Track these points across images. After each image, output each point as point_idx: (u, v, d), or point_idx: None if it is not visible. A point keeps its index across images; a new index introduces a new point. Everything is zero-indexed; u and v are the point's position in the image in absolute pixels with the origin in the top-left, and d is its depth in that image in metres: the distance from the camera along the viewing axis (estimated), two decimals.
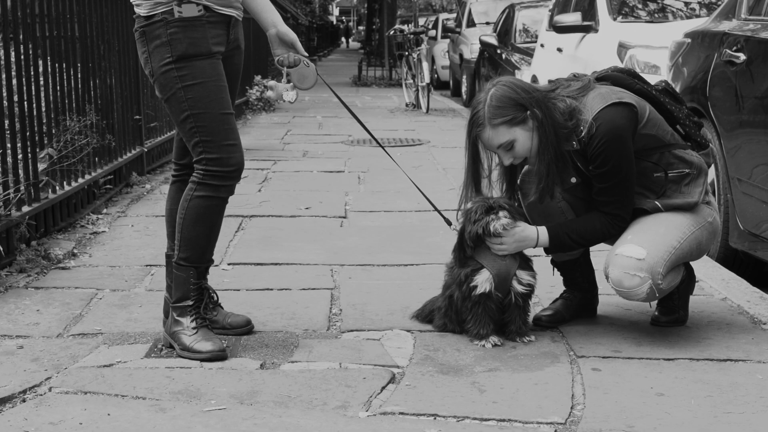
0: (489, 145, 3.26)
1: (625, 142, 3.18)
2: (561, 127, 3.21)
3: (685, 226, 3.28)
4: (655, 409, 2.75)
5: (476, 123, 3.24)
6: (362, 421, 2.67)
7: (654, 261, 3.19)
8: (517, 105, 3.19)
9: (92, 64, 5.79)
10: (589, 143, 3.19)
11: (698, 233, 3.31)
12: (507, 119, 3.19)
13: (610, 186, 3.23)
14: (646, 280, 3.19)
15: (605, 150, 3.17)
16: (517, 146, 3.23)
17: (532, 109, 3.19)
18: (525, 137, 3.22)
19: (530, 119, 3.20)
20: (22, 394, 2.86)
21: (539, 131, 3.20)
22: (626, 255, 3.20)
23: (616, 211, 3.27)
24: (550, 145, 3.20)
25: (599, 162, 3.19)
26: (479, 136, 3.26)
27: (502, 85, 3.24)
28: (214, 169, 3.14)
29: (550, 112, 3.21)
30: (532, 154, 3.26)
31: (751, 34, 4.38)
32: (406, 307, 3.74)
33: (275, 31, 3.33)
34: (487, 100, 3.21)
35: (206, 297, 3.30)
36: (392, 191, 6.39)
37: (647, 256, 3.18)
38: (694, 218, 3.31)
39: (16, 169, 4.48)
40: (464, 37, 15.93)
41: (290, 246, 4.80)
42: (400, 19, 30.29)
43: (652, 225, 3.27)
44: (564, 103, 3.25)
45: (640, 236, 3.23)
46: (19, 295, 3.90)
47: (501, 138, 3.21)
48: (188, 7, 3.08)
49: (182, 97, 3.11)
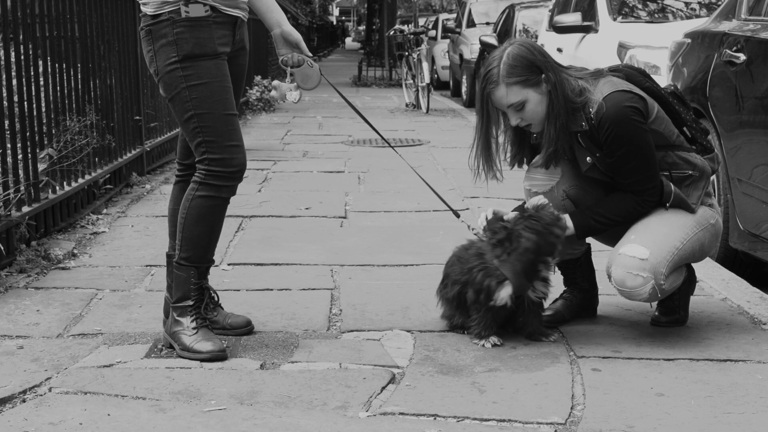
0: (500, 104, 3.24)
1: (637, 122, 3.16)
2: (570, 101, 3.20)
3: (688, 227, 3.28)
4: (655, 409, 2.75)
5: (490, 80, 3.21)
6: (362, 421, 2.67)
7: (657, 261, 3.19)
8: (533, 66, 3.18)
9: (92, 65, 5.79)
10: (599, 126, 3.17)
11: (701, 234, 3.31)
12: (521, 79, 3.17)
13: (632, 167, 3.20)
14: (648, 280, 3.19)
15: (617, 130, 3.15)
16: (528, 108, 3.21)
17: (547, 72, 3.19)
18: (536, 100, 3.20)
19: (543, 83, 3.19)
20: (22, 394, 2.86)
21: (551, 96, 3.19)
22: (629, 255, 3.20)
23: (645, 186, 3.23)
24: (561, 111, 3.19)
25: (614, 145, 3.17)
26: (491, 94, 3.23)
27: (519, 45, 3.23)
28: (216, 170, 3.14)
29: (562, 82, 3.21)
30: (540, 119, 3.24)
31: (751, 35, 4.38)
32: (406, 308, 3.74)
33: (279, 31, 3.34)
34: (504, 58, 3.19)
35: (207, 297, 3.30)
36: (392, 191, 6.39)
37: (650, 256, 3.18)
38: (697, 219, 3.31)
39: (16, 169, 4.48)
40: (464, 37, 15.92)
41: (290, 246, 4.80)
42: (400, 20, 30.28)
43: (655, 225, 3.26)
44: (575, 81, 3.25)
45: (643, 236, 3.23)
46: (19, 296, 3.90)
47: (513, 98, 3.20)
48: (195, 7, 3.08)
49: (186, 97, 3.11)
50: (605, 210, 3.27)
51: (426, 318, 3.62)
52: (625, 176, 3.24)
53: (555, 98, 3.19)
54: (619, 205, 3.26)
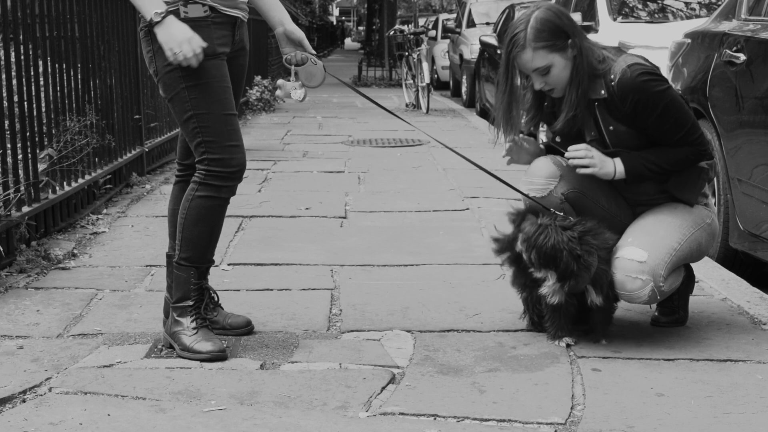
0: (525, 68, 3.22)
1: (662, 81, 3.17)
2: (593, 67, 3.20)
3: (684, 227, 3.28)
4: (655, 409, 2.75)
5: (516, 44, 3.19)
6: (362, 421, 2.67)
7: (655, 263, 3.18)
8: (560, 31, 3.17)
9: (92, 65, 5.79)
10: (624, 94, 3.14)
11: (698, 234, 3.31)
12: (548, 44, 3.16)
13: (672, 125, 3.19)
14: (648, 283, 3.18)
15: (645, 94, 3.14)
16: (553, 72, 3.19)
17: (573, 38, 3.19)
18: (562, 65, 3.19)
19: (569, 48, 3.18)
20: (22, 394, 2.86)
21: (575, 61, 3.19)
22: (628, 258, 3.19)
23: (691, 138, 3.22)
24: (584, 77, 3.18)
25: (647, 109, 3.16)
26: (517, 57, 3.21)
27: (547, 9, 3.21)
28: (216, 170, 3.14)
29: (588, 49, 3.21)
30: (564, 84, 3.22)
31: (751, 35, 4.38)
32: (406, 308, 3.74)
33: (283, 30, 3.34)
34: (530, 22, 3.17)
35: (206, 297, 3.30)
36: (392, 191, 6.39)
37: (648, 258, 3.18)
38: (693, 220, 3.32)
39: (16, 169, 4.48)
40: (464, 37, 15.91)
41: (290, 246, 4.80)
42: (400, 20, 30.27)
43: (652, 227, 3.26)
44: (599, 50, 3.26)
45: (641, 239, 3.23)
46: (19, 296, 3.90)
47: (539, 62, 3.18)
48: (194, 7, 3.08)
49: (186, 97, 3.11)
50: (658, 158, 3.23)
51: (426, 318, 3.62)
52: (669, 136, 3.22)
53: (580, 64, 3.18)
54: (673, 155, 3.23)
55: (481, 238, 4.96)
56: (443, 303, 3.81)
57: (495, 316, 3.64)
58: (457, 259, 4.53)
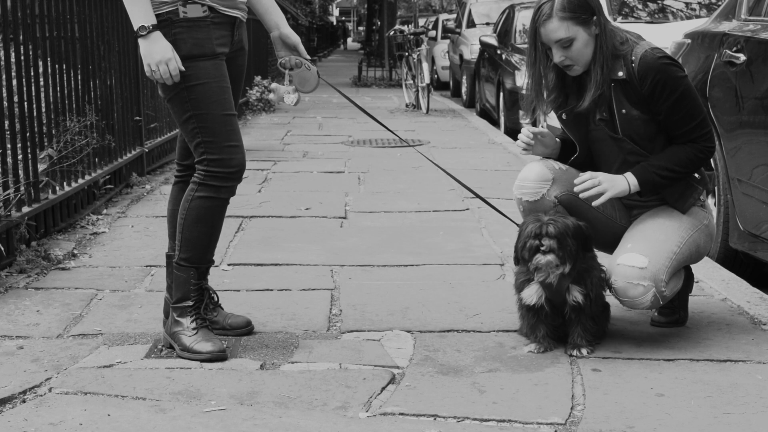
0: (548, 38, 3.23)
1: (681, 69, 3.20)
2: (615, 47, 3.22)
3: (682, 230, 3.29)
4: (655, 409, 2.75)
5: (542, 13, 3.21)
6: (362, 421, 2.67)
7: (656, 269, 3.18)
8: (587, 6, 3.20)
9: (92, 65, 5.79)
10: (644, 75, 3.16)
11: (696, 236, 3.32)
12: (574, 16, 3.17)
13: (685, 113, 3.19)
14: (649, 289, 3.18)
15: (665, 76, 3.16)
16: (575, 47, 3.19)
17: (598, 14, 3.20)
18: (584, 40, 3.19)
19: (593, 25, 3.20)
20: (22, 394, 2.86)
21: (598, 39, 3.20)
22: (628, 264, 3.18)
23: (701, 132, 3.23)
24: (608, 55, 3.20)
25: (665, 92, 3.17)
26: (542, 26, 3.22)
27: None
28: (215, 170, 3.14)
29: (609, 30, 3.23)
30: (585, 61, 3.23)
31: (751, 35, 4.38)
32: (406, 308, 3.74)
33: (278, 33, 3.35)
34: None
35: (206, 297, 3.30)
36: (392, 192, 6.39)
37: (649, 264, 3.17)
38: (691, 222, 3.32)
39: (16, 169, 4.48)
40: (464, 37, 15.92)
41: (290, 246, 4.80)
42: (400, 20, 30.27)
43: (650, 232, 3.26)
44: (621, 32, 3.28)
45: (640, 244, 3.22)
46: (19, 296, 3.90)
47: (563, 33, 3.18)
48: (193, 7, 3.08)
49: (185, 98, 3.12)
50: (666, 162, 3.23)
51: (426, 318, 3.62)
52: (679, 125, 3.22)
53: (603, 41, 3.20)
54: (680, 155, 3.23)
55: (481, 238, 4.96)
56: (443, 303, 3.81)
57: (495, 316, 3.64)
58: (457, 259, 4.53)
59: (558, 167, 3.36)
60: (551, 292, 3.19)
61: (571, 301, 3.18)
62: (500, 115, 11.35)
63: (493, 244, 4.84)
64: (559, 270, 3.12)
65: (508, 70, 11.01)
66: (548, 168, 3.36)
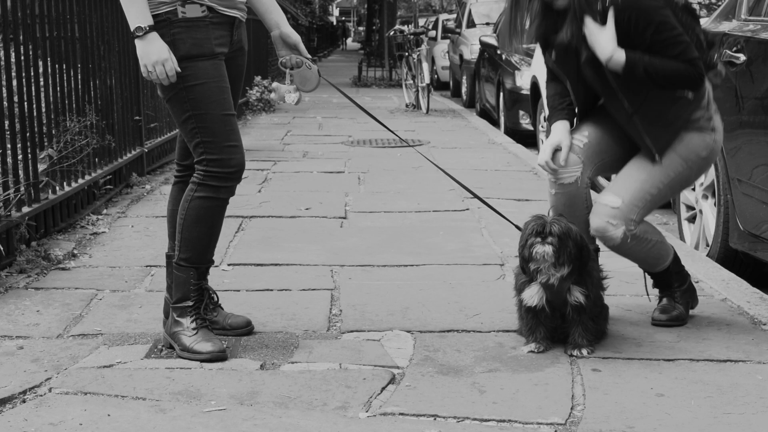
0: None
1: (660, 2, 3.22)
2: None
3: (671, 168, 3.34)
4: (655, 409, 2.75)
5: None
6: (362, 421, 2.67)
7: (628, 209, 3.30)
8: None
9: (92, 65, 5.79)
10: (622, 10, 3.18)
11: (686, 173, 3.38)
12: None
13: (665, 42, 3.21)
14: (619, 227, 3.30)
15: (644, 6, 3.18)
16: None
17: None
18: None
19: None
20: (22, 394, 2.86)
21: None
22: (603, 203, 3.33)
23: (685, 58, 3.23)
24: None
25: (642, 23, 3.18)
26: None
27: None
28: (214, 170, 3.14)
29: None
30: None
31: (751, 35, 4.38)
32: (406, 308, 3.74)
33: (278, 33, 3.35)
34: None
35: (206, 298, 3.30)
36: (392, 192, 6.39)
37: (622, 204, 3.29)
38: (686, 156, 3.35)
39: (16, 169, 4.48)
40: (464, 37, 15.92)
41: (290, 246, 4.80)
42: (400, 20, 30.27)
43: (635, 170, 3.35)
44: None
45: (620, 184, 3.35)
46: (19, 296, 3.90)
47: None
48: (192, 7, 3.08)
49: (184, 98, 3.11)
50: (659, 61, 3.23)
51: (426, 318, 3.62)
52: (663, 55, 3.23)
53: None
54: (671, 63, 3.24)
55: (481, 238, 4.96)
56: (443, 303, 3.81)
57: (495, 316, 3.64)
58: (457, 259, 4.53)
59: (582, 145, 3.39)
60: (552, 294, 3.19)
61: (572, 302, 3.19)
62: (500, 115, 11.35)
63: (493, 244, 4.84)
64: (558, 272, 3.13)
65: (508, 70, 11.01)
66: (575, 153, 3.39)
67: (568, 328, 3.24)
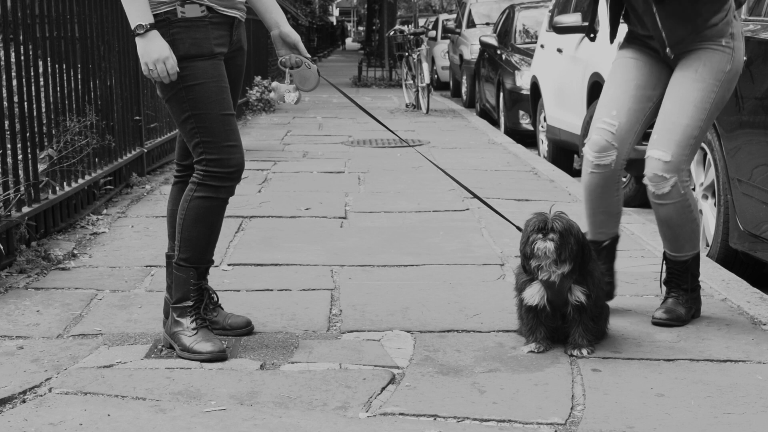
0: None
1: None
2: None
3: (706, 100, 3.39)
4: (655, 409, 2.75)
5: None
6: (362, 421, 2.67)
7: (678, 161, 3.37)
8: None
9: (92, 65, 5.79)
10: None
11: (719, 96, 3.42)
12: None
13: None
14: (672, 179, 3.38)
15: None
16: None
17: None
18: None
19: None
20: (22, 394, 2.86)
21: None
22: (655, 158, 3.39)
23: None
24: None
25: None
26: None
27: None
28: (214, 170, 3.14)
29: None
30: None
31: (751, 35, 4.38)
32: (406, 308, 3.74)
33: (278, 32, 3.35)
34: None
35: (206, 298, 3.30)
36: (392, 192, 6.39)
37: (672, 157, 3.36)
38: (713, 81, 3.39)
39: (16, 169, 4.48)
40: (464, 37, 15.93)
41: (290, 247, 4.80)
42: (400, 20, 30.27)
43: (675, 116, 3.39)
44: None
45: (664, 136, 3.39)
46: (19, 296, 3.90)
47: None
48: (191, 7, 3.08)
49: (183, 98, 3.11)
50: None
51: (426, 318, 3.62)
52: None
53: None
54: None
55: (480, 239, 4.96)
56: (443, 303, 3.81)
57: (495, 316, 3.64)
58: (457, 259, 4.53)
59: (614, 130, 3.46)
60: (553, 293, 3.19)
61: (573, 301, 3.19)
62: (500, 115, 11.35)
63: (493, 244, 4.84)
64: (560, 269, 3.13)
65: (508, 70, 11.02)
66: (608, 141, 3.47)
67: (569, 328, 3.24)
